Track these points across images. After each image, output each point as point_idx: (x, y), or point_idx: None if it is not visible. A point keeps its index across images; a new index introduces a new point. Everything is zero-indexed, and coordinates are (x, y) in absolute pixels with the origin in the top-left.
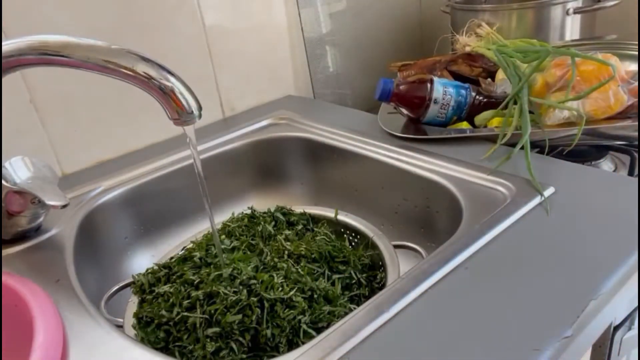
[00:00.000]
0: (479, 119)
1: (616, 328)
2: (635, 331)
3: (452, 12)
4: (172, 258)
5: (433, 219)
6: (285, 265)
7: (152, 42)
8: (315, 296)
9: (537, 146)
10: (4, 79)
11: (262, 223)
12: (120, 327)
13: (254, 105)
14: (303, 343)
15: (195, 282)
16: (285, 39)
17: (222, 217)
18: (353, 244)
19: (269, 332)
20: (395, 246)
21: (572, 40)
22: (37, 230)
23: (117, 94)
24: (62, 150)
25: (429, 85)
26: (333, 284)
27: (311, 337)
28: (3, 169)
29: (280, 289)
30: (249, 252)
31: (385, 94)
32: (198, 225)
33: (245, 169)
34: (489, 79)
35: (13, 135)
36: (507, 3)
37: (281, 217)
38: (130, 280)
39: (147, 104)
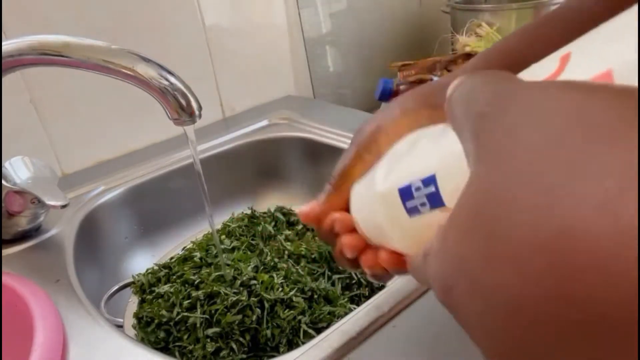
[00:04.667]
0: None
1: None
2: None
3: (452, 12)
4: (172, 258)
5: None
6: (285, 266)
7: (152, 42)
8: (315, 296)
9: None
10: (4, 79)
11: (262, 223)
12: (120, 327)
13: (254, 105)
14: (303, 343)
15: (196, 282)
16: (285, 39)
17: (222, 217)
18: None
19: (269, 332)
20: None
21: None
22: (37, 230)
23: (117, 94)
24: (62, 150)
25: None
26: (333, 284)
27: (311, 337)
28: (3, 169)
29: (280, 289)
30: (249, 252)
31: (385, 94)
32: (198, 225)
33: (245, 169)
34: None
35: (13, 135)
36: (507, 3)
37: (281, 217)
38: (130, 280)
39: (147, 104)
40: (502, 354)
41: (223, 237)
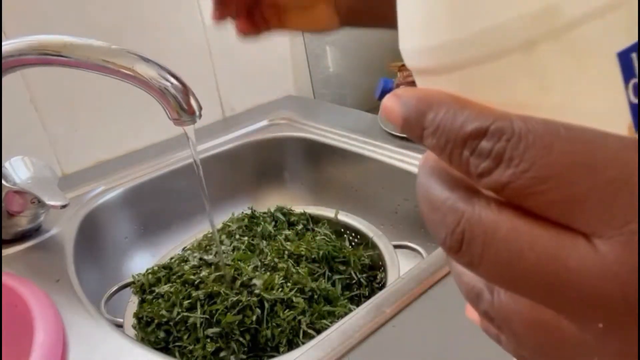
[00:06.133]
0: None
1: None
2: None
3: None
4: (172, 258)
5: None
6: (285, 266)
7: (152, 42)
8: (315, 296)
9: None
10: (4, 79)
11: (262, 223)
12: (120, 327)
13: (254, 105)
14: (303, 343)
15: (196, 282)
16: (285, 39)
17: (222, 217)
18: (353, 244)
19: (269, 332)
20: (395, 246)
21: None
22: (37, 230)
23: (117, 94)
24: (62, 150)
25: None
26: (333, 284)
27: (311, 337)
28: (3, 169)
29: (280, 289)
30: (249, 252)
31: (385, 93)
32: (198, 225)
33: (245, 169)
34: None
35: (13, 135)
36: None
37: (281, 217)
38: (130, 280)
39: (147, 104)
40: None
41: (223, 237)
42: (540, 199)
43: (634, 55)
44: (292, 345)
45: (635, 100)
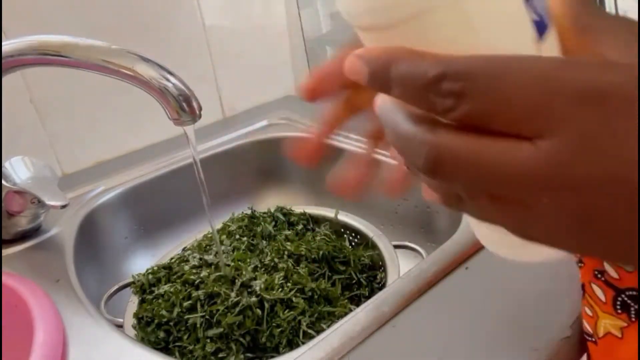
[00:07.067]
0: None
1: None
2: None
3: None
4: (172, 258)
5: (433, 219)
6: (285, 266)
7: (152, 42)
8: (315, 296)
9: None
10: (4, 79)
11: (262, 223)
12: (120, 327)
13: (254, 105)
14: (303, 343)
15: (196, 283)
16: (285, 39)
17: (222, 218)
18: (353, 244)
19: (269, 332)
20: (395, 246)
21: None
22: (37, 230)
23: (117, 94)
24: (62, 150)
25: None
26: (333, 284)
27: (311, 337)
28: (3, 169)
29: (280, 289)
30: (249, 252)
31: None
32: (198, 225)
33: (245, 169)
34: None
35: (13, 135)
36: None
37: (281, 217)
38: (130, 280)
39: (147, 104)
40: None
41: (223, 237)
42: (495, 120)
43: None
44: (292, 345)
45: (535, 17)
